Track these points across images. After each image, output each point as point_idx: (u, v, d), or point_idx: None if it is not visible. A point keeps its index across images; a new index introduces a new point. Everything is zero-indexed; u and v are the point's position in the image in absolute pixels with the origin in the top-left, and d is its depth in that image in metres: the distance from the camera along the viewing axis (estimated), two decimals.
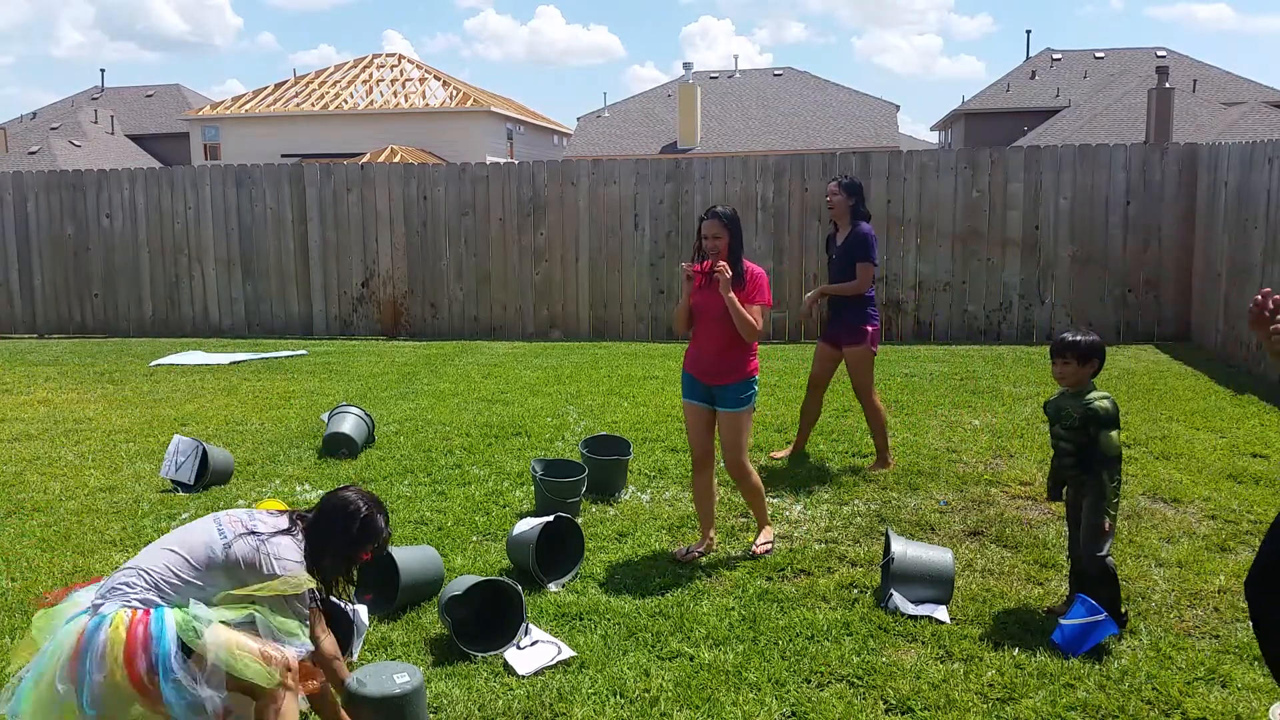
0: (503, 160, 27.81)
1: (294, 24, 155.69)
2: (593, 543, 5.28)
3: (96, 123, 46.40)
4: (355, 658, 3.98)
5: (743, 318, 4.83)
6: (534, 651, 4.04)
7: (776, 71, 43.82)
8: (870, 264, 6.54)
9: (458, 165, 13.72)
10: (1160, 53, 41.61)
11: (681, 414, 5.68)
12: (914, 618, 4.33)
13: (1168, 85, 22.50)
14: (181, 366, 11.27)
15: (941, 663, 3.98)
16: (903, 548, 4.56)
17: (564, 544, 4.95)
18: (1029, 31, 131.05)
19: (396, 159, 30.32)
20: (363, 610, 4.13)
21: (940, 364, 10.57)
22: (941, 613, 4.36)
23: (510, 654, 4.03)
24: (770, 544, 5.16)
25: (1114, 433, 4.08)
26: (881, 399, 8.74)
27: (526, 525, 4.95)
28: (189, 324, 14.12)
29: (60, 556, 5.23)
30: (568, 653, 4.05)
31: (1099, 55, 44.03)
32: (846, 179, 6.65)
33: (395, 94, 37.68)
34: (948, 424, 7.82)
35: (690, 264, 4.94)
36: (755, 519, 5.31)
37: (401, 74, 38.99)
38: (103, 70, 76.18)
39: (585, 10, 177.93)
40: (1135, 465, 6.51)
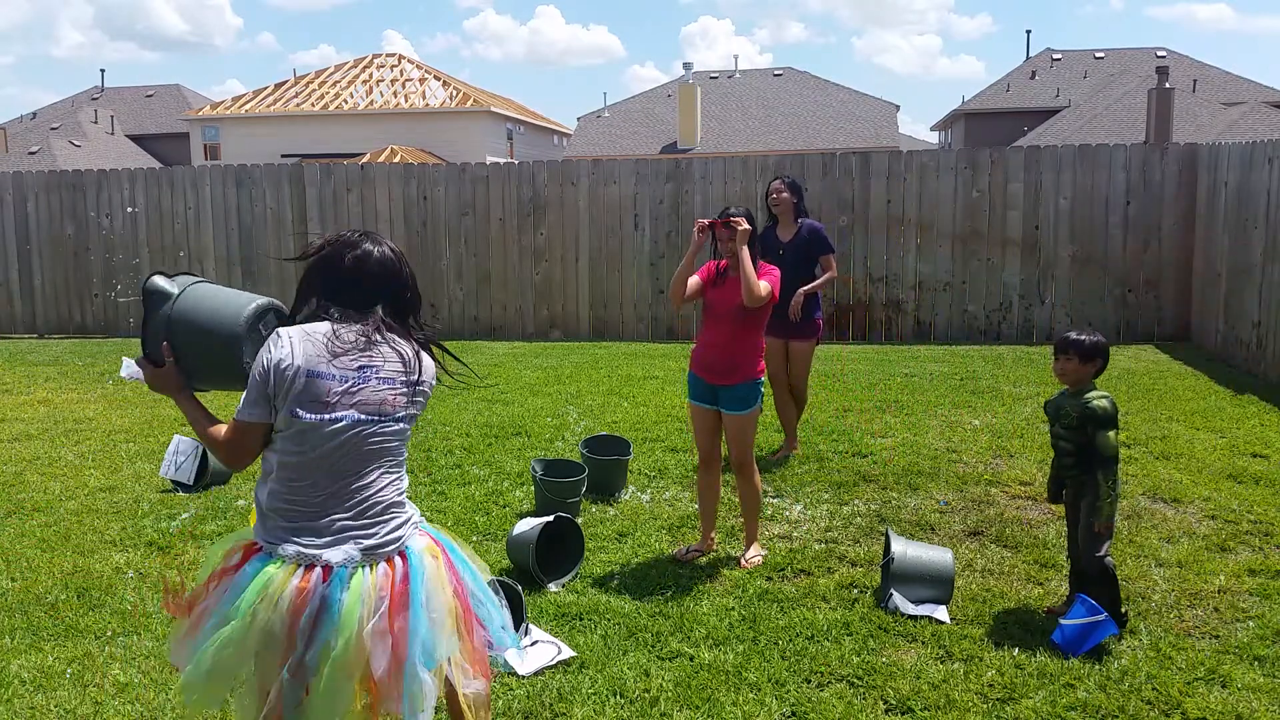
0: (503, 160, 27.80)
1: (294, 24, 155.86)
2: (593, 543, 5.28)
3: (96, 123, 46.39)
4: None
5: (750, 275, 4.70)
6: (534, 651, 4.03)
7: (776, 71, 43.82)
8: (833, 254, 7.03)
9: (458, 165, 13.72)
10: (1160, 53, 41.61)
11: (683, 414, 5.69)
12: (914, 618, 4.33)
13: (1168, 85, 22.48)
14: None
15: (941, 663, 3.98)
16: (903, 548, 4.56)
17: (564, 544, 4.95)
18: (1029, 31, 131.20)
19: (396, 159, 30.31)
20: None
21: (940, 364, 10.57)
22: (941, 613, 4.36)
23: (510, 654, 4.02)
24: (759, 557, 5.05)
25: (1112, 432, 4.08)
26: (882, 399, 8.78)
27: (526, 525, 4.95)
28: None
29: (60, 556, 5.23)
30: (568, 653, 4.05)
31: (1099, 55, 44.03)
32: (789, 178, 6.94)
33: (395, 94, 37.67)
34: (948, 424, 7.82)
35: (703, 220, 4.84)
36: (745, 529, 5.18)
37: (401, 74, 38.98)
38: (103, 70, 76.31)
39: (585, 10, 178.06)
40: (1135, 465, 6.51)
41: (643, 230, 13.02)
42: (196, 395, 2.82)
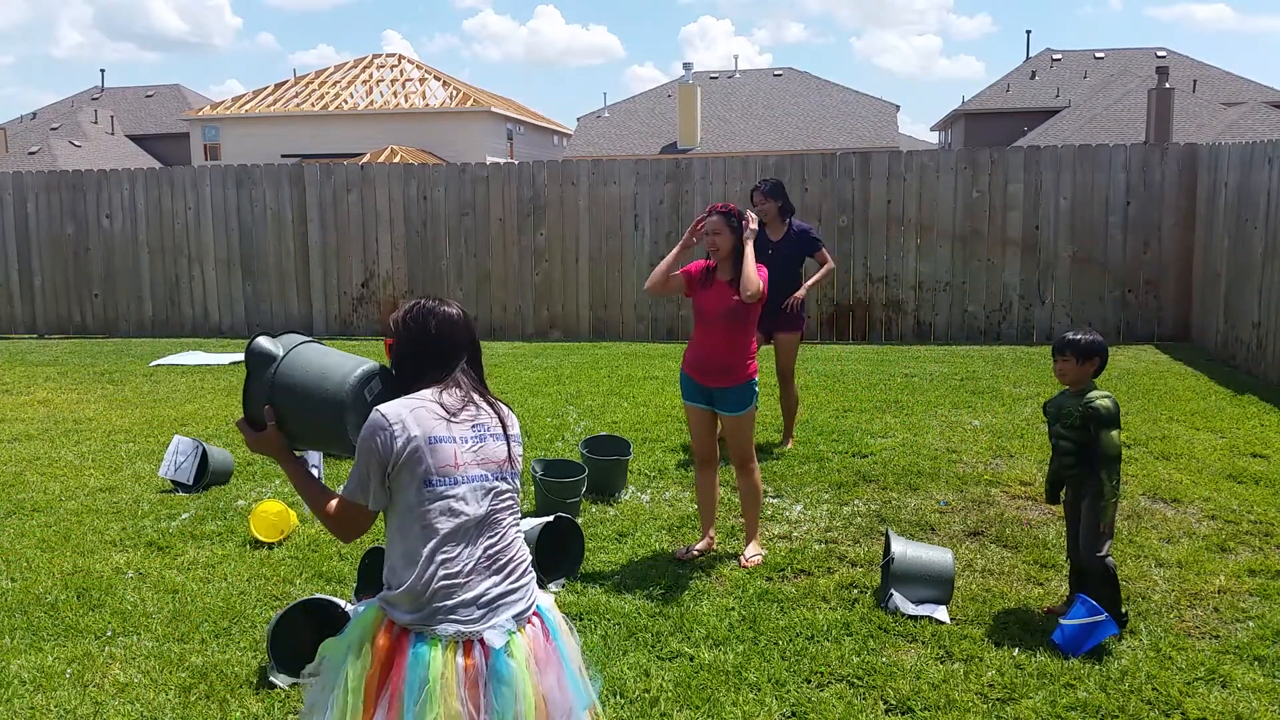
0: (503, 160, 27.80)
1: (293, 24, 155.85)
2: (593, 543, 5.28)
3: (96, 123, 46.39)
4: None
5: (751, 268, 4.72)
6: None
7: (776, 72, 43.82)
8: (823, 247, 7.24)
9: (458, 165, 13.72)
10: (1160, 53, 41.61)
11: (681, 414, 5.68)
12: (914, 618, 4.33)
13: (1168, 85, 22.49)
14: (181, 366, 11.27)
15: (941, 663, 3.98)
16: (903, 548, 4.56)
17: (564, 544, 4.95)
18: (1029, 32, 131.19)
19: (396, 159, 30.31)
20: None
21: (940, 364, 10.57)
22: (941, 613, 4.36)
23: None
24: (759, 556, 5.04)
25: (1115, 432, 4.09)
26: (882, 399, 8.78)
27: (526, 525, 4.94)
28: (189, 324, 14.12)
29: (60, 556, 5.23)
30: None
31: (1099, 55, 44.02)
32: (767, 184, 7.03)
33: (395, 94, 37.68)
34: (948, 424, 7.82)
35: (696, 224, 4.86)
36: (746, 526, 5.18)
37: (401, 74, 38.99)
38: (103, 70, 76.38)
39: (585, 10, 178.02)
40: (1135, 465, 6.51)
41: (643, 230, 13.02)
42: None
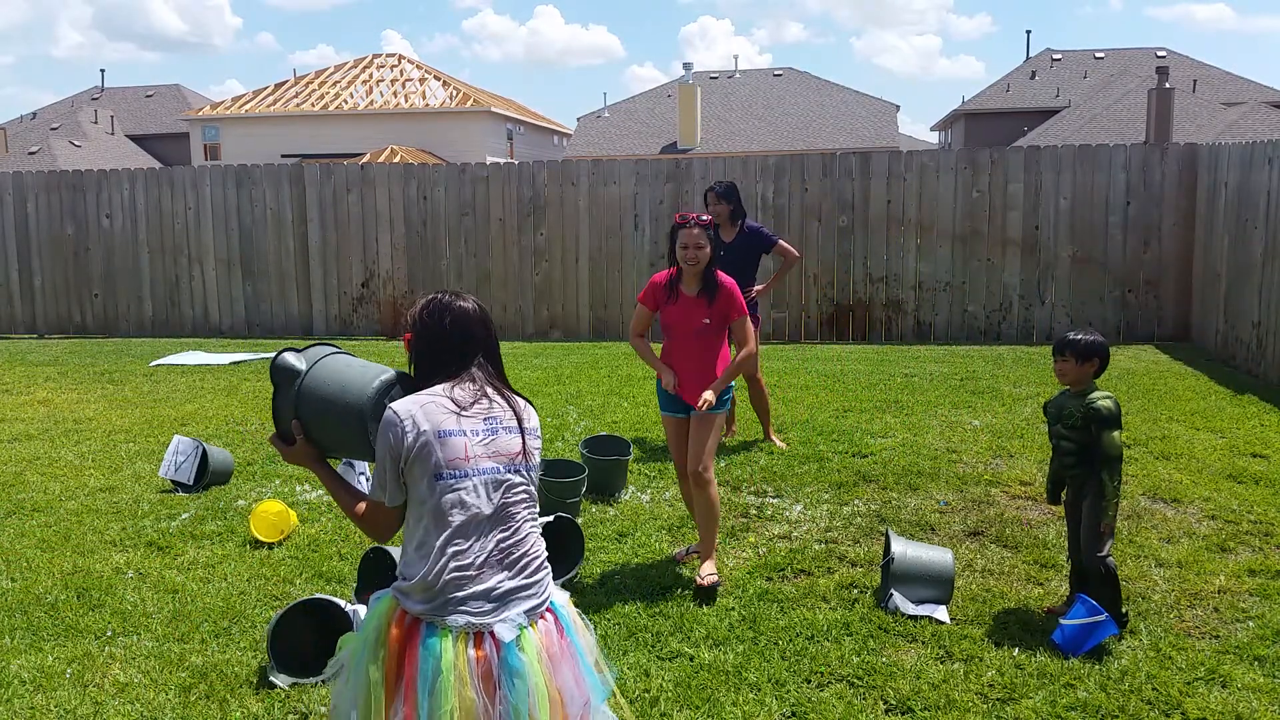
0: (503, 160, 27.81)
1: (293, 24, 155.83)
2: (593, 543, 5.28)
3: (96, 123, 46.39)
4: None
5: (739, 371, 4.83)
6: None
7: (776, 72, 43.82)
8: (778, 240, 7.28)
9: (458, 165, 13.72)
10: (1160, 53, 41.61)
11: None
12: (914, 618, 4.33)
13: (1168, 85, 22.49)
14: (181, 366, 11.27)
15: (941, 663, 3.98)
16: (903, 548, 4.56)
17: (564, 544, 4.95)
18: (1029, 32, 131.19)
19: (396, 159, 30.31)
20: (361, 609, 4.13)
21: (940, 364, 10.57)
22: (941, 613, 4.36)
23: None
24: (714, 575, 4.64)
25: (1116, 433, 4.09)
26: (882, 399, 8.78)
27: None
28: (189, 324, 14.12)
29: (60, 556, 5.23)
30: None
31: (1099, 55, 44.01)
32: (722, 185, 7.13)
33: (395, 94, 37.68)
34: (948, 424, 7.82)
35: (672, 383, 4.75)
36: (702, 544, 4.81)
37: (401, 74, 38.99)
38: (103, 70, 76.43)
39: (584, 10, 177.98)
40: (1135, 465, 6.51)
41: (643, 230, 13.02)
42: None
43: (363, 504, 2.64)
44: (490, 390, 2.65)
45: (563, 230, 13.23)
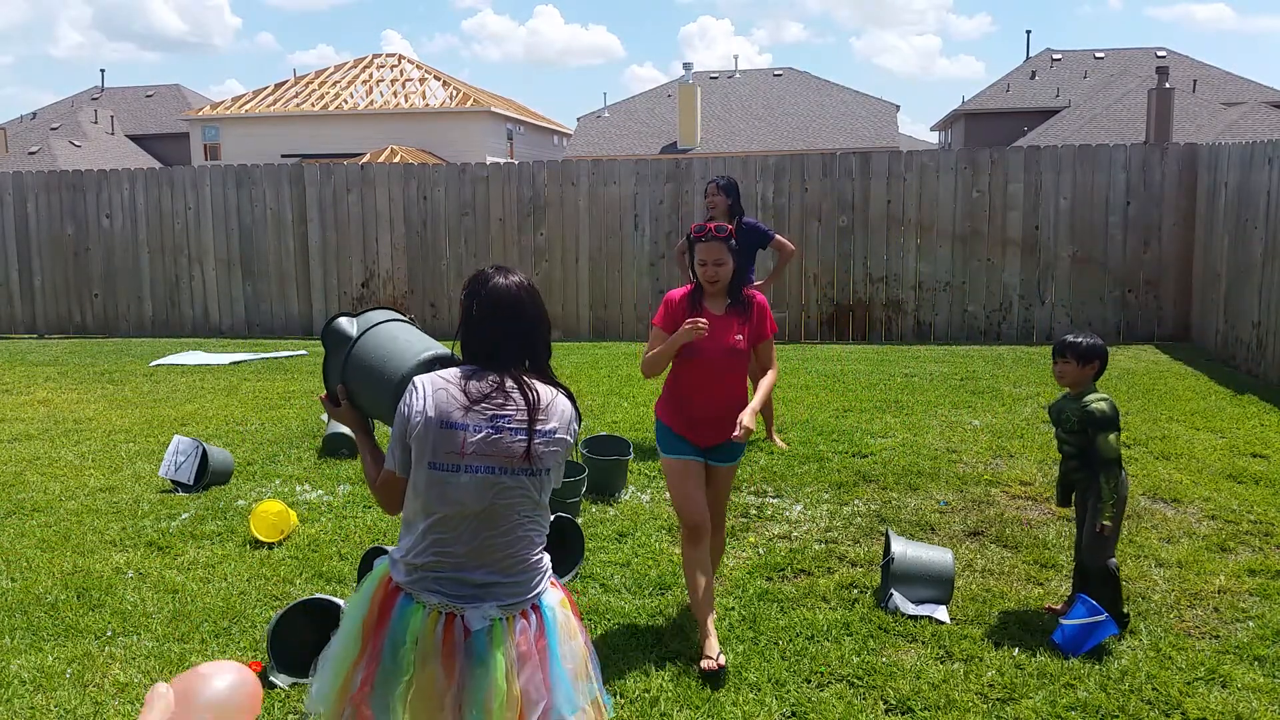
0: (503, 160, 27.80)
1: (293, 24, 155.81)
2: (593, 543, 5.28)
3: (96, 123, 46.37)
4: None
5: (769, 395, 4.22)
6: None
7: (776, 72, 43.82)
8: (775, 236, 7.37)
9: (458, 165, 13.72)
10: (1160, 53, 41.59)
11: None
12: (914, 618, 4.33)
13: (1168, 85, 22.47)
14: (181, 366, 11.27)
15: (941, 663, 3.98)
16: (903, 548, 4.56)
17: (564, 544, 4.95)
18: (1029, 32, 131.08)
19: (396, 159, 30.31)
20: None
21: (940, 364, 10.57)
22: (941, 613, 4.36)
23: None
24: (716, 657, 3.93)
25: (1112, 435, 4.08)
26: (882, 399, 8.78)
27: None
28: (189, 324, 14.12)
29: (60, 556, 5.23)
30: None
31: (1099, 55, 44.00)
32: (724, 180, 7.15)
33: (395, 94, 37.67)
34: (948, 424, 7.82)
35: (697, 322, 3.90)
36: (706, 587, 4.06)
37: (401, 74, 38.98)
38: (102, 70, 76.46)
39: (584, 10, 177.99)
40: (1135, 465, 6.51)
41: (643, 230, 13.02)
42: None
43: (382, 473, 2.64)
44: (511, 383, 2.53)
45: (563, 230, 13.23)
